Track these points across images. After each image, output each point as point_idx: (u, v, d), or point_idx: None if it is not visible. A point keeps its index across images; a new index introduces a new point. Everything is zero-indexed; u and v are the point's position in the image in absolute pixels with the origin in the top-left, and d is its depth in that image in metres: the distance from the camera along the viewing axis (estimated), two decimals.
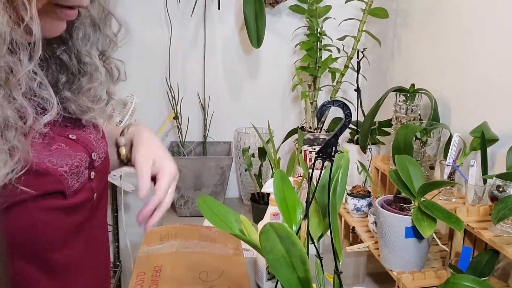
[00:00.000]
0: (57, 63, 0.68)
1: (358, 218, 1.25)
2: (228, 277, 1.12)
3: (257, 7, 1.52)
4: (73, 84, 0.68)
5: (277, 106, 1.80)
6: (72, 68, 0.68)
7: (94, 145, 0.71)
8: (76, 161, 0.65)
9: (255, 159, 1.59)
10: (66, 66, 0.68)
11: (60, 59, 0.68)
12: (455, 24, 1.21)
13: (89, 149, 0.69)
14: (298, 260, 0.65)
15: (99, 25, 0.69)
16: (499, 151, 1.04)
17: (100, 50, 0.71)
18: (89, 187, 0.69)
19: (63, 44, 0.68)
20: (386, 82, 1.59)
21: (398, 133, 1.11)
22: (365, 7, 1.49)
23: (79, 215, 0.67)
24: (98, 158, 0.72)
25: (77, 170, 0.65)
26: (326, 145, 0.70)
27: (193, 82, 1.73)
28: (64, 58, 0.68)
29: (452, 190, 1.07)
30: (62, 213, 0.64)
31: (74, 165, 0.65)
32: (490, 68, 1.07)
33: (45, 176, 0.60)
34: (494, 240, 0.84)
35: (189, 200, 1.59)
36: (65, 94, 0.68)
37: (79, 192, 0.66)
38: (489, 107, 1.07)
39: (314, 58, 1.58)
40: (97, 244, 0.75)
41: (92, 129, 0.74)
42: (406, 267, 0.99)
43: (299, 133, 1.49)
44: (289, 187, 0.78)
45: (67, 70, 0.68)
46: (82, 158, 0.67)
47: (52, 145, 0.63)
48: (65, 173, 0.63)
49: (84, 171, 0.67)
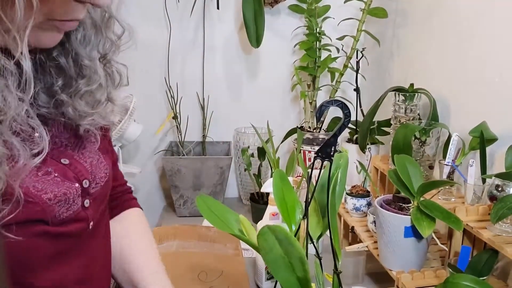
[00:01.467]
0: (54, 65, 0.66)
1: (357, 217, 1.25)
2: (227, 277, 1.12)
3: (256, 7, 1.52)
4: (70, 87, 0.66)
5: (276, 106, 1.80)
6: (69, 70, 0.66)
7: (89, 170, 0.68)
8: (63, 189, 0.63)
9: (254, 159, 1.59)
10: (63, 68, 0.66)
11: (56, 61, 0.65)
12: (454, 23, 1.21)
13: (81, 176, 0.67)
14: (297, 260, 0.65)
15: (100, 27, 0.67)
16: (498, 151, 1.04)
17: (101, 53, 0.68)
18: (83, 215, 0.67)
19: (60, 46, 0.64)
20: (385, 82, 1.59)
21: (397, 133, 1.11)
22: (365, 6, 1.49)
23: (70, 241, 0.66)
24: (94, 185, 0.69)
25: (65, 197, 0.63)
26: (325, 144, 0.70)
27: (192, 82, 1.73)
28: (61, 60, 0.65)
29: (451, 190, 1.07)
30: (48, 239, 0.62)
31: (61, 192, 0.62)
32: (489, 68, 1.07)
33: (27, 203, 0.57)
34: (493, 240, 0.84)
35: (188, 200, 1.59)
36: (62, 97, 0.65)
37: (71, 221, 0.64)
38: (488, 106, 1.08)
39: (313, 58, 1.58)
40: (97, 262, 0.73)
41: (94, 152, 0.71)
42: (405, 267, 0.99)
43: (298, 132, 1.49)
44: (288, 187, 0.78)
45: (64, 72, 0.66)
46: (71, 186, 0.64)
47: (41, 170, 0.61)
48: (49, 200, 0.60)
49: (76, 199, 0.65)
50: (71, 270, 0.67)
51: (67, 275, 0.66)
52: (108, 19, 0.68)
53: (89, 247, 0.70)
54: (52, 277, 0.64)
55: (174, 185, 1.58)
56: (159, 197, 1.85)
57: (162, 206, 1.80)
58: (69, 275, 0.67)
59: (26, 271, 0.61)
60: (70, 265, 0.67)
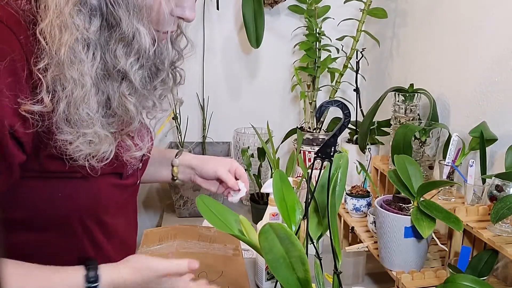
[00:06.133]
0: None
1: (357, 218, 1.25)
2: (227, 277, 1.12)
3: (256, 7, 1.52)
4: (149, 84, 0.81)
5: (276, 106, 1.80)
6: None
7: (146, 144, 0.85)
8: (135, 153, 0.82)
9: (254, 159, 1.59)
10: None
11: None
12: (454, 23, 1.21)
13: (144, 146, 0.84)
14: (297, 260, 0.65)
15: (172, 41, 0.83)
16: (498, 151, 1.04)
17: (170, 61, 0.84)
18: (137, 174, 0.89)
19: None
20: (385, 82, 1.59)
21: (397, 133, 1.11)
22: (364, 7, 1.49)
23: (126, 194, 0.88)
24: (146, 153, 0.88)
25: (134, 160, 0.83)
26: (325, 145, 0.70)
27: (192, 83, 1.73)
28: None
29: (451, 190, 1.07)
30: (117, 190, 0.83)
31: (134, 156, 0.81)
32: (489, 68, 1.07)
33: (117, 160, 0.78)
34: (493, 240, 0.84)
35: (188, 200, 1.59)
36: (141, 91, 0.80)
37: (131, 176, 0.86)
38: (488, 107, 1.08)
39: (313, 58, 1.58)
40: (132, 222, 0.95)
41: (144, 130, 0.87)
42: (405, 267, 0.99)
43: (298, 133, 1.49)
44: (288, 187, 0.78)
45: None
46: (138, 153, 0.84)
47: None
48: (127, 161, 0.81)
49: (137, 162, 0.85)
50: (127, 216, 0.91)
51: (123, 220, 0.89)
52: (178, 35, 0.86)
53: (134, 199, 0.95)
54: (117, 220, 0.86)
55: (174, 186, 1.58)
56: (159, 198, 1.85)
57: (162, 206, 1.80)
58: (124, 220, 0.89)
59: (104, 212, 0.82)
60: (127, 212, 0.91)
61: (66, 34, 0.65)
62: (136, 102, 0.75)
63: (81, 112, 0.68)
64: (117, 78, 0.72)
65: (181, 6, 0.75)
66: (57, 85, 0.66)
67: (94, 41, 0.68)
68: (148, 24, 0.71)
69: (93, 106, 0.69)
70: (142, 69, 0.74)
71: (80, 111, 0.68)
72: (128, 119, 0.76)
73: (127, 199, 0.90)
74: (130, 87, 0.73)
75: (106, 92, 0.72)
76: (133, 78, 0.72)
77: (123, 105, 0.73)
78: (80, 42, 0.66)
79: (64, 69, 0.65)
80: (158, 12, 0.72)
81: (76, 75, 0.66)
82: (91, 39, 0.67)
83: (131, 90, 0.74)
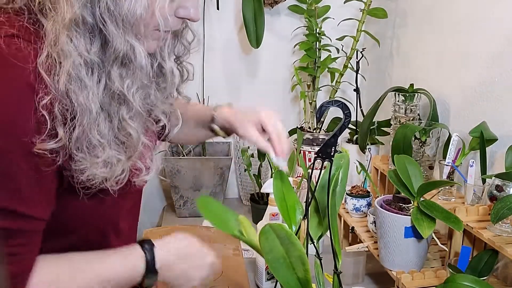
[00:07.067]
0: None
1: (357, 218, 1.25)
2: (227, 277, 1.12)
3: (256, 7, 1.52)
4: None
5: (276, 106, 1.80)
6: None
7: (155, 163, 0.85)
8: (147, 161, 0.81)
9: (254, 159, 1.59)
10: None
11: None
12: (454, 24, 1.21)
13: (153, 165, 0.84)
14: (297, 260, 0.65)
15: (177, 35, 0.81)
16: (498, 151, 1.04)
17: (176, 55, 0.83)
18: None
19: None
20: (385, 82, 1.59)
21: (397, 133, 1.11)
22: (364, 7, 1.49)
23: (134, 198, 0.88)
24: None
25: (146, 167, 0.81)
26: (326, 145, 0.70)
27: (192, 82, 1.72)
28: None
29: (451, 190, 1.07)
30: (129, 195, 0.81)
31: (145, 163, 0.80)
32: (489, 68, 1.07)
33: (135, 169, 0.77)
34: (493, 240, 0.84)
35: (188, 200, 1.59)
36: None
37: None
38: (488, 107, 1.08)
39: (313, 58, 1.58)
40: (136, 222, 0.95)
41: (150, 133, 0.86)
42: (405, 267, 0.99)
43: (298, 133, 1.49)
44: (289, 187, 0.78)
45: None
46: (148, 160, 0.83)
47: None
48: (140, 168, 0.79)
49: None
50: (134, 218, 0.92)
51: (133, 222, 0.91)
52: (183, 29, 0.82)
53: (140, 199, 0.93)
54: (127, 223, 0.87)
55: (174, 186, 1.58)
56: (159, 198, 1.85)
57: (162, 206, 1.80)
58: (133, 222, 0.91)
59: (116, 217, 0.82)
60: (134, 215, 0.92)
61: (67, 61, 0.62)
62: (138, 125, 0.72)
63: (92, 138, 0.66)
64: (118, 100, 0.69)
65: (184, 7, 0.73)
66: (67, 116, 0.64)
67: (97, 63, 0.65)
68: (143, 39, 0.68)
69: (103, 131, 0.67)
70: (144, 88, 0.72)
71: (91, 138, 0.66)
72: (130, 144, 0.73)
73: (135, 201, 0.91)
74: (129, 109, 0.70)
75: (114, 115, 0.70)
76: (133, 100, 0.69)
77: (124, 129, 0.71)
78: (83, 67, 0.64)
79: (71, 98, 0.63)
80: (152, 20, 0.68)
81: (84, 101, 0.64)
82: (94, 61, 0.65)
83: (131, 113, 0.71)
